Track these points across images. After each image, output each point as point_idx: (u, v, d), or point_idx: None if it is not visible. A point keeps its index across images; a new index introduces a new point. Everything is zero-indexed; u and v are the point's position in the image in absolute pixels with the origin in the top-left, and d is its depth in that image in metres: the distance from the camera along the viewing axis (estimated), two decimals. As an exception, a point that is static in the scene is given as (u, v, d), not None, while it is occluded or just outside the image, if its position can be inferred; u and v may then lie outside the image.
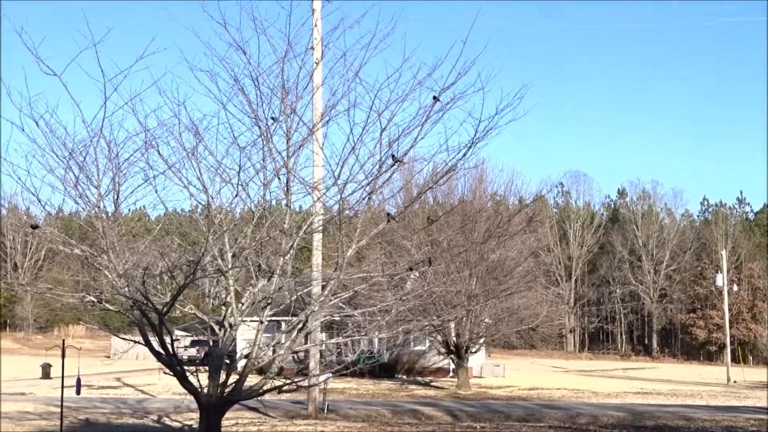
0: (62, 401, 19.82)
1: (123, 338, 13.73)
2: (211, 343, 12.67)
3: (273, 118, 11.91)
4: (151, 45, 11.15)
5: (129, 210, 15.83)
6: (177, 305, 12.20)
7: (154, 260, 12.74)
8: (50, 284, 24.28)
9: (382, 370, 43.21)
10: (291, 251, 12.11)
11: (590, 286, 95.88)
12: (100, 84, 11.40)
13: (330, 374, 22.75)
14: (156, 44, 11.15)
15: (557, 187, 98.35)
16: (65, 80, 11.41)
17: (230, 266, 12.06)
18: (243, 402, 14.28)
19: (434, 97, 11.40)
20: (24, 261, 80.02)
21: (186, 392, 12.38)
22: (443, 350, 39.51)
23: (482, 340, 40.54)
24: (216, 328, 12.41)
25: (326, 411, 24.69)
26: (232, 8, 11.77)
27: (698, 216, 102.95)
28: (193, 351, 51.58)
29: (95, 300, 12.38)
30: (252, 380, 12.64)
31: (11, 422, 21.20)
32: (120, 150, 11.89)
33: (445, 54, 11.19)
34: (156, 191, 12.09)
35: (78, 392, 29.60)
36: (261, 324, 12.30)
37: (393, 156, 11.49)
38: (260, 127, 11.94)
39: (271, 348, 13.06)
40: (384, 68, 11.37)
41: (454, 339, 37.82)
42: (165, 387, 33.20)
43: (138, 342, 12.46)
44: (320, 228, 13.23)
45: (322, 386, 24.88)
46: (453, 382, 39.39)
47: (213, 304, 13.17)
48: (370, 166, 11.69)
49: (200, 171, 11.99)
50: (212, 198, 12.11)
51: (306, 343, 15.49)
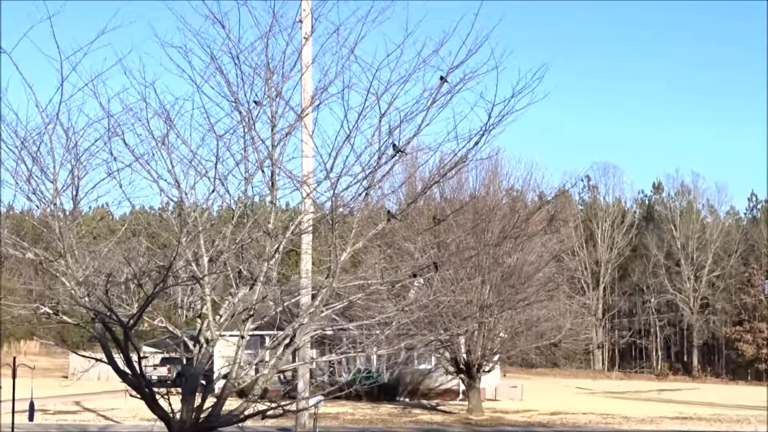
0: (13, 429, 19.82)
1: (83, 356, 13.75)
2: (185, 362, 12.67)
3: (255, 102, 11.91)
4: (116, 18, 11.17)
5: (90, 208, 15.84)
6: (145, 317, 12.20)
7: (119, 265, 12.74)
8: (-1, 293, 24.26)
9: (382, 392, 43.24)
10: (276, 255, 12.11)
11: (621, 295, 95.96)
12: (57, 63, 11.40)
13: (321, 397, 22.70)
14: (121, 17, 11.16)
15: (583, 181, 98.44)
16: (16, 59, 11.39)
17: (206, 272, 12.06)
18: (221, 429, 14.28)
19: (441, 78, 11.39)
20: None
21: (156, 418, 12.37)
22: (452, 369, 39.54)
23: (497, 358, 40.59)
24: (190, 344, 12.41)
25: (317, 439, 24.70)
26: (209, -25, 11.77)
27: (745, 214, 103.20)
28: (164, 370, 51.66)
29: (51, 311, 12.38)
30: (232, 404, 12.64)
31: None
32: (79, 139, 11.90)
33: (454, 28, 11.18)
34: (121, 186, 12.09)
35: (31, 418, 29.55)
36: (242, 339, 12.30)
37: (394, 145, 11.49)
38: (241, 112, 11.93)
39: (254, 367, 13.06)
40: (383, 44, 11.36)
41: (465, 356, 37.84)
42: (131, 412, 33.19)
43: (100, 360, 12.47)
44: (310, 228, 13.22)
45: (313, 411, 24.88)
46: (463, 406, 39.43)
47: (187, 316, 13.17)
48: (368, 157, 11.70)
49: (172, 163, 11.99)
50: (186, 194, 12.11)
51: (294, 361, 15.51)
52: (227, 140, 12.00)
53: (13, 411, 19.91)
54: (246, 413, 12.57)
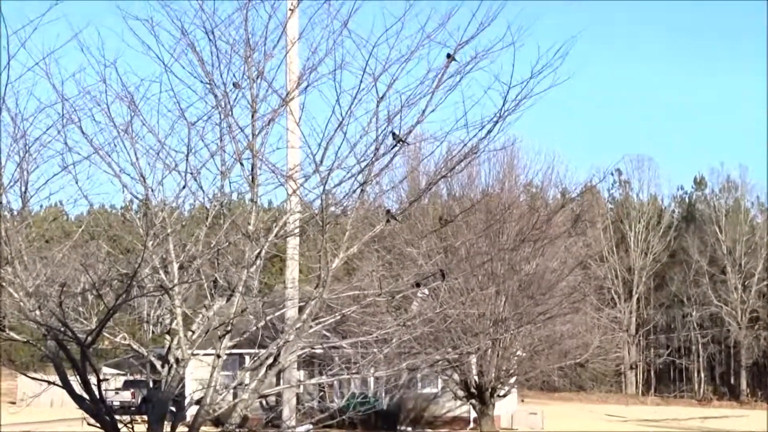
0: (-48, 462, 19.83)
1: (33, 378, 13.72)
2: (152, 385, 12.67)
3: (234, 84, 11.92)
4: (71, -14, 11.16)
5: (41, 207, 15.86)
6: (105, 333, 12.20)
7: (75, 273, 12.74)
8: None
9: (380, 420, 43.33)
10: (258, 261, 12.12)
11: (657, 308, 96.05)
12: (2, 38, 11.41)
13: (310, 425, 22.75)
14: (77, -15, 11.16)
15: (613, 176, 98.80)
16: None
17: (176, 281, 12.06)
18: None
19: (448, 55, 11.40)
20: None
21: (117, 450, 12.38)
22: (461, 393, 39.59)
23: (513, 380, 40.64)
24: (158, 365, 12.41)
25: (305, 474, 24.74)
26: (179, -65, 11.78)
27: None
28: (128, 395, 51.68)
29: (-4, 327, 12.38)
30: (206, 434, 12.67)
31: None
32: (29, 127, 11.88)
33: (463, -4, 11.22)
34: (77, 182, 12.06)
35: (-27, 450, 29.63)
36: (218, 359, 12.31)
37: (394, 134, 11.50)
38: (216, 96, 11.93)
39: (232, 391, 13.07)
40: (381, 17, 11.37)
41: (476, 378, 37.88)
42: (90, 443, 33.20)
43: (53, 383, 12.45)
44: (297, 230, 13.23)
45: (300, 441, 24.92)
46: (474, 436, 39.52)
47: (153, 332, 13.18)
48: (364, 148, 11.71)
49: (136, 154, 11.99)
50: (152, 190, 12.11)
51: (278, 385, 15.50)
52: (200, 128, 12.01)
53: (-47, 442, 19.94)
54: (222, 445, 12.59)
